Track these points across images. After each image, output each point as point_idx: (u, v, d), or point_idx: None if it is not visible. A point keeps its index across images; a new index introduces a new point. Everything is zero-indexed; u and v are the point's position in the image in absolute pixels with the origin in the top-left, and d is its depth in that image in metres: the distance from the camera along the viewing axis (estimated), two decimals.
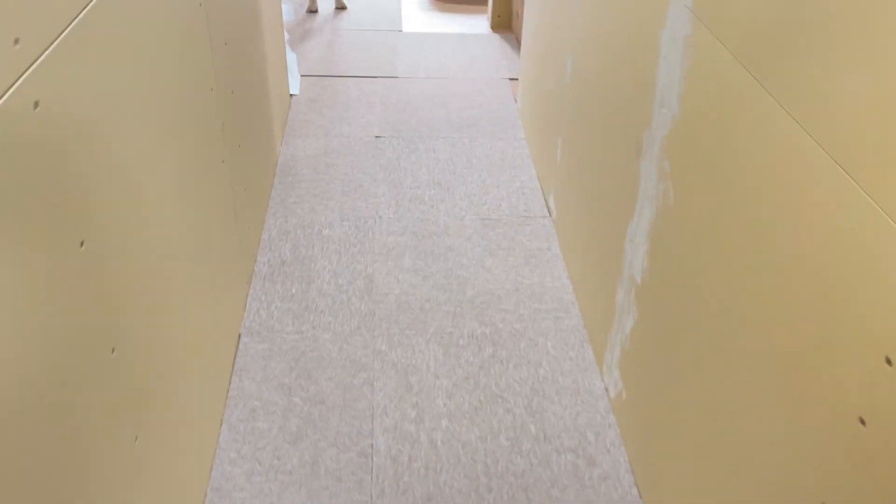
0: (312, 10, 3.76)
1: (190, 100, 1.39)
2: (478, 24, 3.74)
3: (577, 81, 1.96)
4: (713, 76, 1.10)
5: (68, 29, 0.88)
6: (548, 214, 2.31)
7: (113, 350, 1.00)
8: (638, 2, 1.44)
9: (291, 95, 2.94)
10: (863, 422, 0.76)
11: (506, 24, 3.70)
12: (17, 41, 0.73)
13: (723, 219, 1.07)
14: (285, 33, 3.17)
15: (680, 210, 1.24)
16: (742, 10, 1.01)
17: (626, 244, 1.52)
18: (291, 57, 3.08)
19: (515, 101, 2.99)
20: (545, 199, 2.37)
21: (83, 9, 0.93)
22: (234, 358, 1.74)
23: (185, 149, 1.35)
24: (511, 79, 3.17)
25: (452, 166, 2.55)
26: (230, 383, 1.68)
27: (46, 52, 0.82)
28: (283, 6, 3.21)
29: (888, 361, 0.72)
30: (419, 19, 3.77)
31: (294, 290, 1.96)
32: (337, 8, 3.82)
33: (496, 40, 3.53)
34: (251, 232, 2.02)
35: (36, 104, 0.79)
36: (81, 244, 0.90)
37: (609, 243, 1.64)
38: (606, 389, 1.69)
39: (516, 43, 3.52)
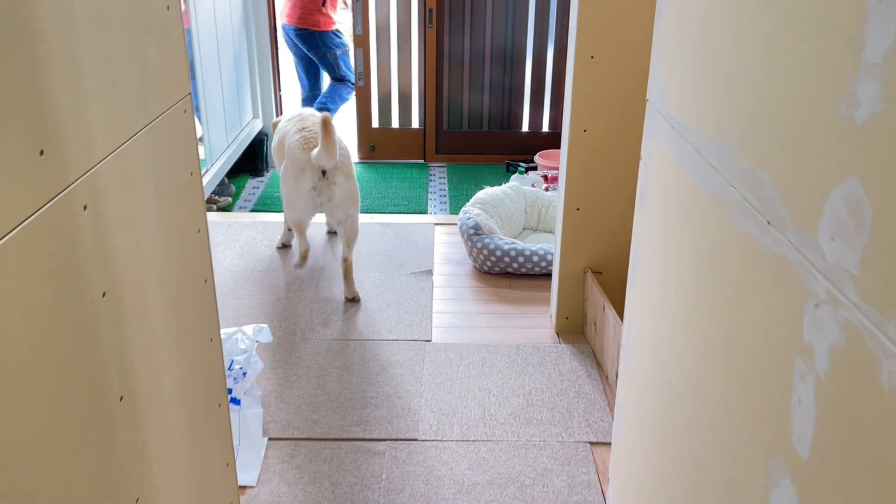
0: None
1: None
2: (538, 325, 2.74)
3: None
4: None
5: None
6: None
7: None
8: None
9: (243, 489, 1.90)
10: None
11: (576, 327, 2.69)
12: None
13: None
14: (257, 363, 2.19)
15: None
16: None
17: None
18: (255, 413, 2.07)
19: (605, 498, 1.89)
20: None
21: None
22: None
23: None
24: (593, 443, 2.10)
25: None
26: None
27: None
28: (261, 328, 2.27)
29: None
30: (455, 317, 2.79)
31: None
32: (348, 299, 2.88)
33: (565, 357, 2.50)
34: None
35: None
36: None
37: None
38: None
39: (594, 362, 2.48)
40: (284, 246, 3.28)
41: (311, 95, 5.31)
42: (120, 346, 1.12)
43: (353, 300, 2.90)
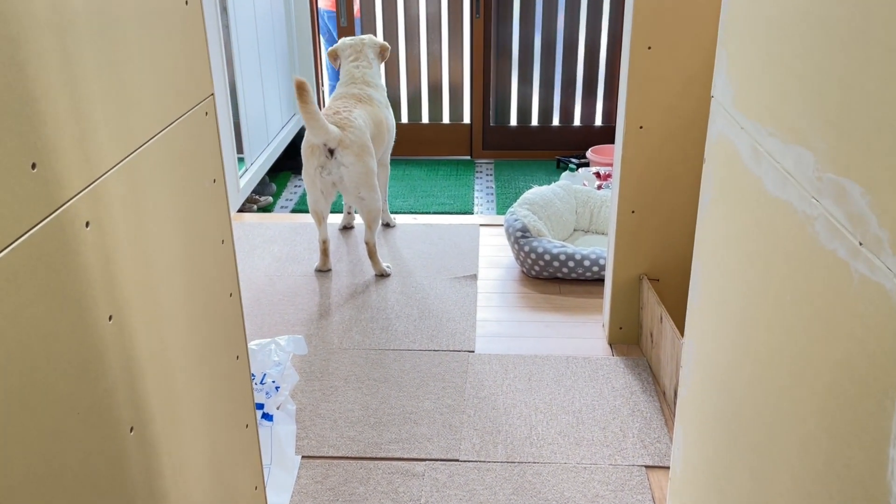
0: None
1: None
2: (589, 335, 2.62)
3: None
4: None
5: None
6: None
7: None
8: None
9: None
10: None
11: (631, 338, 2.57)
12: None
13: None
14: (292, 375, 2.13)
15: None
16: None
17: None
18: (288, 430, 2.01)
19: None
20: None
21: None
22: None
23: None
24: (649, 467, 1.98)
25: None
26: None
27: None
28: (296, 339, 2.21)
29: None
30: (500, 326, 2.70)
31: None
32: (377, 275, 2.95)
33: (619, 371, 2.39)
34: None
35: None
36: None
37: None
38: None
39: (651, 376, 2.36)
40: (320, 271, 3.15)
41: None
42: (129, 373, 1.06)
43: (381, 276, 3.03)
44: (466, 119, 4.99)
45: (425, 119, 5.00)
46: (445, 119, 5.01)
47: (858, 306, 0.81)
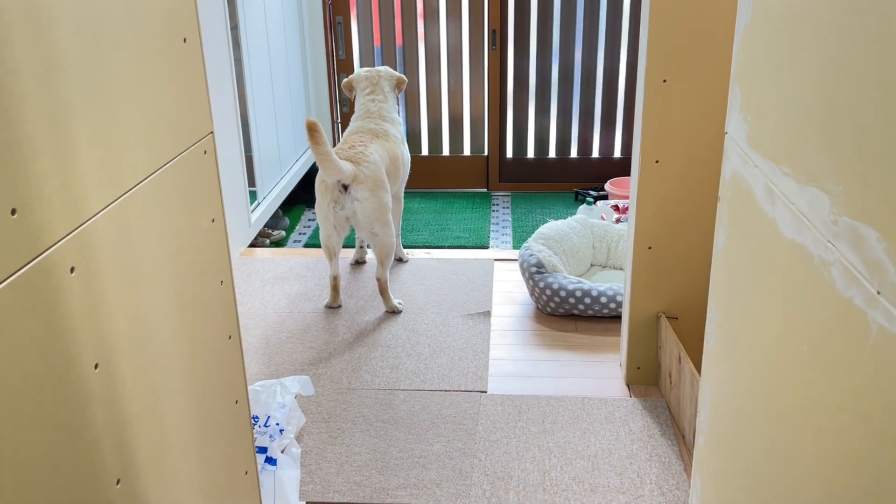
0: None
1: None
2: (606, 375, 2.57)
3: None
4: None
5: None
6: None
7: None
8: None
9: None
10: None
11: (649, 379, 2.51)
12: None
13: None
14: (299, 417, 2.10)
15: None
16: None
17: None
18: (291, 475, 1.97)
19: None
20: None
21: None
22: None
23: None
24: None
25: None
26: None
27: None
28: (303, 379, 2.20)
29: None
30: (514, 365, 2.66)
31: None
32: (388, 312, 2.95)
33: (636, 413, 2.33)
34: None
35: None
36: None
37: None
38: None
39: (670, 419, 2.30)
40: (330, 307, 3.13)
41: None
42: (117, 423, 1.03)
43: (392, 313, 3.03)
44: (467, 151, 4.97)
45: (431, 152, 5.00)
46: (450, 152, 5.00)
47: (878, 359, 0.77)
